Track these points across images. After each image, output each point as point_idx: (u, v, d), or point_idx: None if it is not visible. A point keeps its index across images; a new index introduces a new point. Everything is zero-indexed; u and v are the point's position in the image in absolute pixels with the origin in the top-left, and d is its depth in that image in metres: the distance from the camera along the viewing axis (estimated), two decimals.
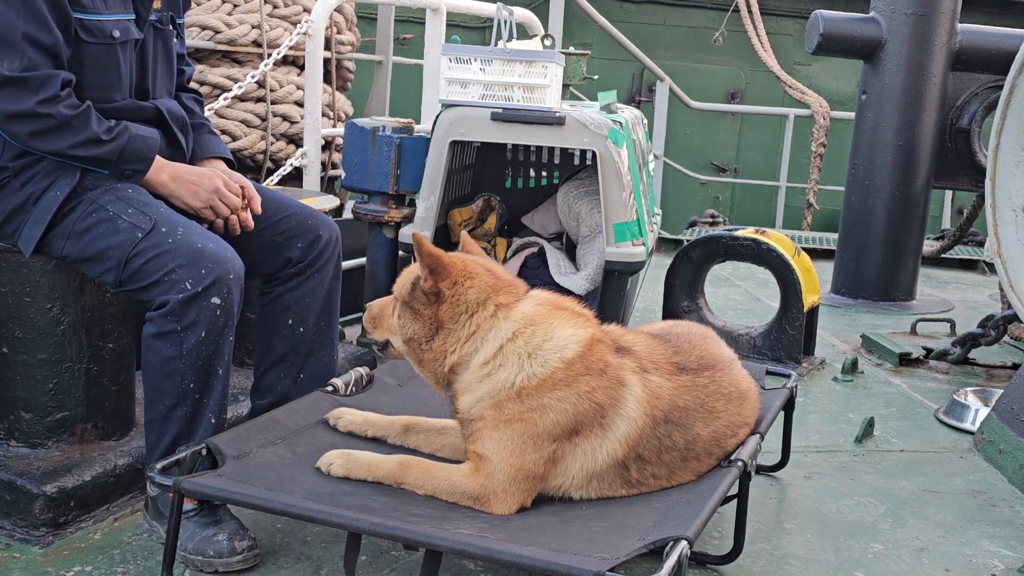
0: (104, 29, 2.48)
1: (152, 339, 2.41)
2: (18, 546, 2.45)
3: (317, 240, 2.79)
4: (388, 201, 3.91)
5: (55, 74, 2.35)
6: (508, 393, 2.33)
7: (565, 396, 2.33)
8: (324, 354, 2.88)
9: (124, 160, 2.47)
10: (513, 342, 2.36)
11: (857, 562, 2.63)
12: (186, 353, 2.39)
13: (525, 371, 2.34)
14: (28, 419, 2.63)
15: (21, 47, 2.31)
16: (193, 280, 2.36)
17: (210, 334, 2.40)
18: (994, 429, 3.45)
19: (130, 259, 2.40)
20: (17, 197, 2.47)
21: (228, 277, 2.40)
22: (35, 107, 2.33)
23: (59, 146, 2.39)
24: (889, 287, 5.90)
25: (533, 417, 2.31)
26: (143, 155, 2.50)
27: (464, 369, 2.38)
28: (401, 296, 2.45)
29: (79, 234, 2.45)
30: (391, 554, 2.47)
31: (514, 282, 2.50)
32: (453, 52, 3.71)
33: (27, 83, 2.32)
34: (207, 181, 2.58)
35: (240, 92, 4.47)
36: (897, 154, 5.79)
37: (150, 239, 2.40)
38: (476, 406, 2.36)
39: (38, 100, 2.33)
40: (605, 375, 2.37)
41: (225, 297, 2.40)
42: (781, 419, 3.04)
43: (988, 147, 4.04)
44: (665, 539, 2.02)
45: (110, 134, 2.44)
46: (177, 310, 2.36)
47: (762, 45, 9.39)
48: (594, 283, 3.93)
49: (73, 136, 2.39)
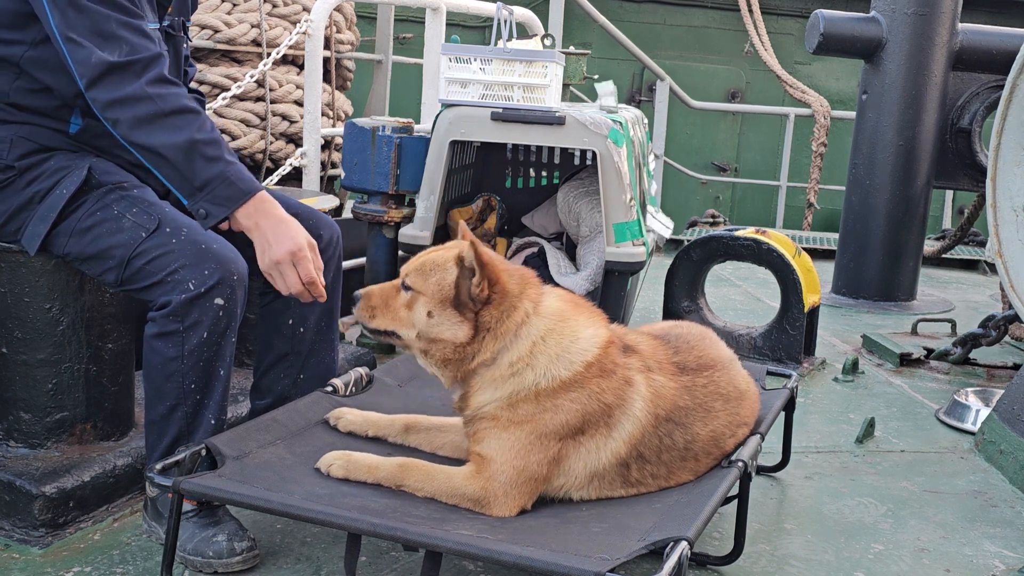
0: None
1: (154, 339, 2.39)
2: (17, 546, 2.45)
3: (318, 240, 2.79)
4: (388, 201, 3.91)
5: (159, 56, 2.28)
6: (528, 394, 2.32)
7: (577, 397, 2.32)
8: (325, 354, 2.88)
9: (207, 192, 2.32)
10: (544, 342, 2.34)
11: (858, 563, 2.63)
12: (188, 354, 2.37)
13: (550, 373, 2.32)
14: (27, 419, 2.63)
15: (120, 35, 2.25)
16: (196, 281, 2.34)
17: (212, 335, 2.38)
18: (995, 429, 3.44)
19: (132, 258, 2.38)
20: (22, 195, 2.46)
21: (232, 278, 2.39)
22: (144, 87, 2.24)
23: (157, 140, 2.27)
24: (890, 287, 5.90)
25: (545, 418, 2.30)
26: (228, 199, 2.34)
27: (488, 367, 2.34)
28: (437, 296, 2.33)
29: (82, 232, 2.43)
30: (391, 555, 2.46)
31: (528, 272, 2.47)
32: (453, 52, 3.71)
33: (133, 65, 2.25)
34: (295, 232, 2.39)
35: (239, 91, 4.47)
36: (898, 154, 5.79)
37: (154, 239, 2.38)
38: (491, 404, 2.34)
39: (146, 80, 2.25)
40: (615, 376, 2.37)
41: (228, 298, 2.38)
42: (781, 419, 3.04)
43: (989, 147, 4.04)
44: (665, 540, 2.02)
45: (213, 151, 2.31)
46: (179, 310, 2.35)
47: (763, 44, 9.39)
48: (594, 283, 3.92)
49: (175, 133, 2.27)
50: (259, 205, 2.38)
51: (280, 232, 2.39)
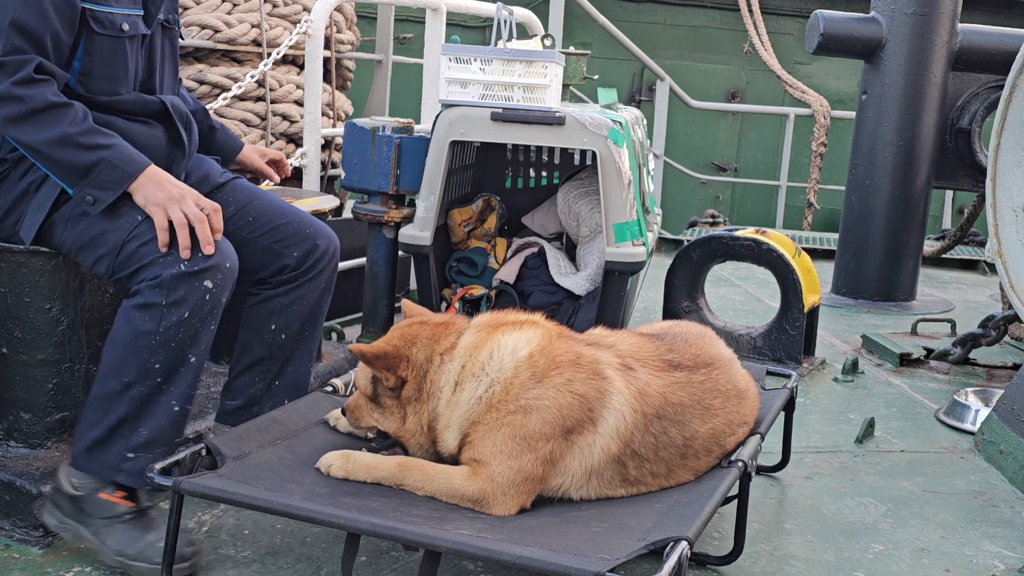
0: (115, 21, 2.47)
1: (132, 309, 2.33)
2: (17, 546, 2.45)
3: (314, 249, 2.78)
4: (388, 201, 3.91)
5: (31, 58, 2.29)
6: (479, 408, 2.35)
7: (542, 393, 2.33)
8: (302, 364, 2.86)
9: (92, 180, 2.34)
10: (463, 372, 2.40)
11: (857, 562, 2.63)
12: (163, 330, 2.31)
13: (484, 383, 2.36)
14: (28, 419, 2.63)
15: (6, 32, 2.27)
16: (189, 262, 2.33)
17: (193, 316, 2.33)
18: (995, 429, 3.45)
19: (127, 241, 2.36)
20: (18, 188, 2.46)
21: (224, 265, 2.38)
22: (9, 88, 2.26)
23: (30, 137, 2.30)
24: (889, 287, 5.89)
25: (517, 419, 2.31)
26: (114, 182, 2.35)
27: (437, 421, 2.41)
28: (368, 395, 2.49)
29: (77, 218, 2.41)
30: (391, 555, 2.47)
31: (451, 321, 2.53)
32: (453, 52, 3.71)
33: (3, 67, 2.27)
34: (176, 187, 2.40)
35: (240, 91, 4.47)
36: (898, 154, 5.79)
37: (148, 223, 2.36)
38: (457, 434, 2.38)
39: (11, 81, 2.27)
40: (580, 366, 2.38)
41: (218, 283, 2.36)
42: (781, 419, 3.04)
43: (988, 147, 4.04)
44: (665, 539, 2.02)
45: (88, 140, 2.33)
46: (167, 283, 2.31)
47: (763, 44, 9.39)
48: (594, 283, 3.92)
49: (45, 129, 2.29)
50: (151, 177, 2.38)
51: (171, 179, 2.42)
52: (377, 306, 3.99)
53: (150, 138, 2.58)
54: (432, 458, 2.43)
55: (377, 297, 3.99)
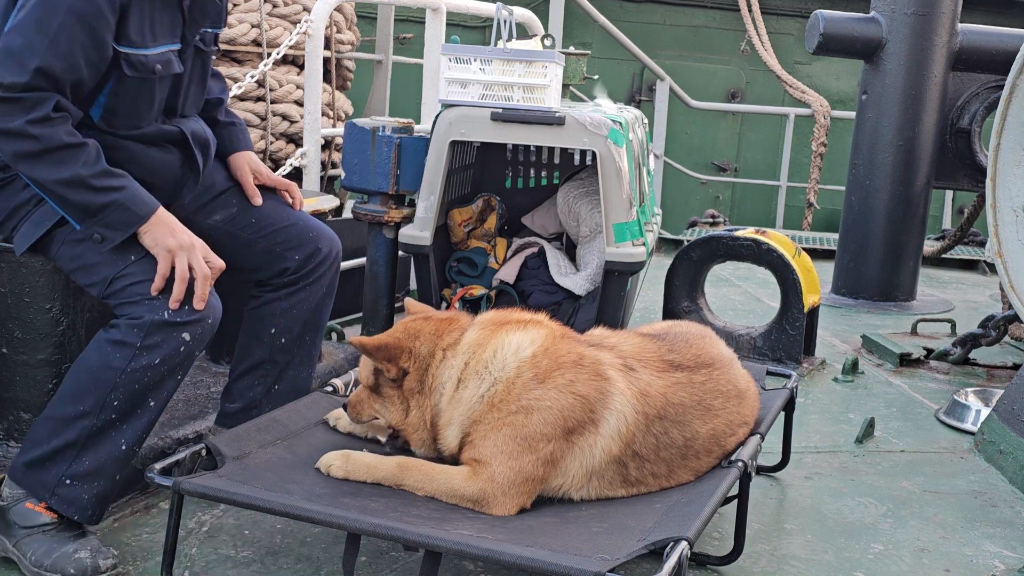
0: (147, 64, 2.42)
1: (106, 342, 2.32)
2: None
3: (316, 253, 2.77)
4: (388, 201, 3.91)
5: (50, 96, 2.25)
6: (481, 407, 2.35)
7: (544, 394, 2.33)
8: (302, 368, 2.85)
9: (101, 220, 2.31)
10: (466, 369, 2.40)
11: (857, 563, 2.63)
12: (130, 371, 2.29)
13: (487, 382, 2.37)
14: (27, 419, 2.63)
15: (30, 72, 2.21)
16: (174, 312, 2.31)
17: (163, 364, 2.31)
18: (994, 429, 3.45)
19: (117, 277, 2.34)
20: (20, 196, 2.44)
21: (207, 321, 2.36)
22: (24, 126, 2.21)
23: (42, 175, 2.26)
24: (889, 287, 5.89)
25: (518, 419, 2.32)
26: (125, 224, 2.33)
27: (439, 417, 2.42)
28: (370, 385, 2.50)
29: (73, 243, 2.40)
30: (391, 555, 2.47)
31: (455, 317, 2.53)
32: (453, 52, 3.70)
33: (20, 103, 2.21)
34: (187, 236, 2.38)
35: (240, 91, 4.47)
36: (897, 154, 5.79)
37: (141, 264, 2.34)
38: (458, 432, 2.38)
39: (27, 120, 2.22)
40: (582, 367, 2.39)
41: (196, 337, 2.35)
42: (781, 419, 3.04)
43: (988, 147, 4.04)
44: (665, 540, 2.02)
45: (100, 183, 2.29)
46: (146, 327, 2.29)
47: (762, 44, 9.39)
48: (594, 283, 3.92)
49: (57, 169, 2.25)
50: (162, 220, 2.36)
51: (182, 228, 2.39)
52: (377, 306, 3.99)
53: (164, 162, 2.56)
54: (433, 456, 2.43)
55: (377, 297, 3.99)
